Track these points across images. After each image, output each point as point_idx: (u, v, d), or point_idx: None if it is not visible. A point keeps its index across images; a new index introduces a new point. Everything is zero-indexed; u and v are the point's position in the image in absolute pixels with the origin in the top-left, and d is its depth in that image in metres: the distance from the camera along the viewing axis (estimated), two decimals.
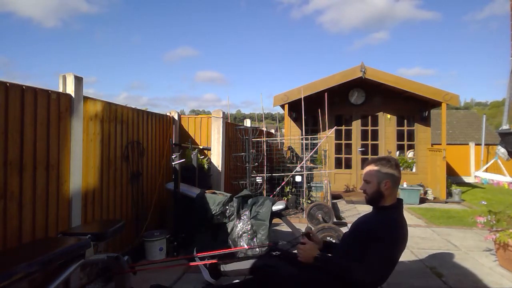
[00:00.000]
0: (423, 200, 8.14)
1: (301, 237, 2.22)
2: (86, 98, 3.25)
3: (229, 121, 6.73)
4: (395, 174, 2.05)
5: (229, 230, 4.15)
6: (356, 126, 9.79)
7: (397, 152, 9.84)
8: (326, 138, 6.79)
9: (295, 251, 2.10)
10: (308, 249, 1.99)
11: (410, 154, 9.88)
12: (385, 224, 1.96)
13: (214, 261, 3.11)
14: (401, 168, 8.78)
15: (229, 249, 3.76)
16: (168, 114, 5.27)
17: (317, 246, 2.09)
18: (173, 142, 5.10)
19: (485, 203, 7.11)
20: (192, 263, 3.31)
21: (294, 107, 8.96)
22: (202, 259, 3.21)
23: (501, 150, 6.65)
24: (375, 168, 2.07)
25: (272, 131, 12.59)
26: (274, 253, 2.28)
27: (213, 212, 4.15)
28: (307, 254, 1.98)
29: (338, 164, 9.94)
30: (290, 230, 4.45)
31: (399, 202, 2.11)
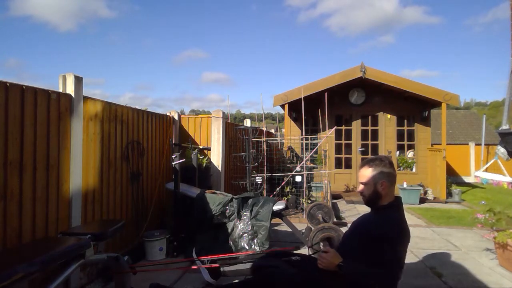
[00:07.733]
0: (423, 200, 8.13)
1: (322, 244, 2.16)
2: (86, 98, 3.25)
3: (229, 121, 6.73)
4: (390, 173, 2.06)
5: (229, 230, 4.15)
6: (356, 126, 9.79)
7: (397, 152, 9.84)
8: (326, 138, 6.78)
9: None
10: (331, 257, 1.93)
11: (410, 154, 9.88)
12: (386, 224, 1.95)
13: (216, 265, 3.10)
14: (401, 168, 8.68)
15: (231, 254, 3.73)
16: (168, 114, 5.27)
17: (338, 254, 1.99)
18: (173, 142, 5.10)
19: (485, 203, 7.11)
20: (193, 267, 3.30)
21: (294, 107, 8.96)
22: (203, 262, 3.21)
23: (501, 150, 6.66)
24: (370, 169, 2.07)
25: (272, 131, 12.57)
26: (294, 258, 2.23)
27: (213, 212, 4.15)
28: (330, 262, 1.91)
29: (338, 164, 9.94)
30: (290, 230, 4.45)
31: (397, 200, 2.10)
